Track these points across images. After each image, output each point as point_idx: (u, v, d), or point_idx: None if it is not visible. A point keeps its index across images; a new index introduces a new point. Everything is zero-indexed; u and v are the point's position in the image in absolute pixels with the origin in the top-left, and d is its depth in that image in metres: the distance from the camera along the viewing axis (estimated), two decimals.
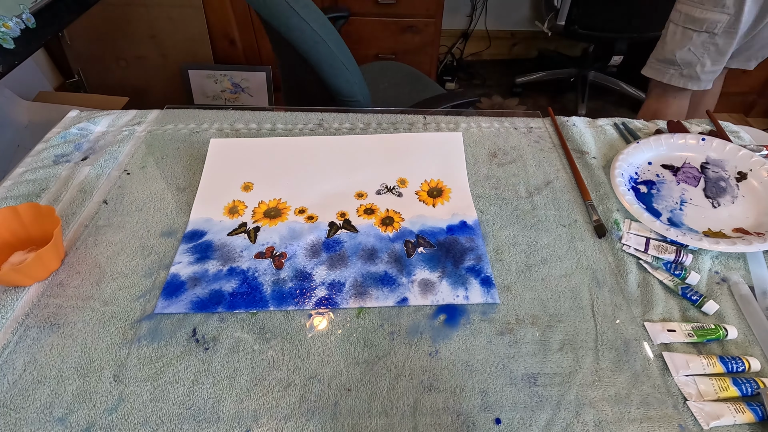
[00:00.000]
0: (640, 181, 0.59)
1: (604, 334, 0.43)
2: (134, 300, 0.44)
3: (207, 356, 0.40)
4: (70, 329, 0.42)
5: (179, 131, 0.64)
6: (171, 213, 0.53)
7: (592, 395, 0.38)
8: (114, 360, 0.40)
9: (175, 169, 0.58)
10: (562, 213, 0.54)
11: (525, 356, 0.41)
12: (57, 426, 0.36)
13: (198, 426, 0.36)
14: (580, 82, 1.83)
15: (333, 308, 0.44)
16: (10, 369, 0.39)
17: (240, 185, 0.56)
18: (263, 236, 0.50)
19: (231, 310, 0.43)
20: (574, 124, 0.68)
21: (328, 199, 0.55)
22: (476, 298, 0.45)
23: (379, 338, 0.42)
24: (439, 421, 0.37)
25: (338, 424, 0.36)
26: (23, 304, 0.43)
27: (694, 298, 0.45)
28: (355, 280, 0.46)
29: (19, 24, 0.92)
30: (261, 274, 0.46)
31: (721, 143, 0.61)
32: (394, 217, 0.53)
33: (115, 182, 0.56)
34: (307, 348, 0.41)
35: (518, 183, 0.58)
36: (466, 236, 0.51)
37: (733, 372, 0.40)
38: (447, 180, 0.58)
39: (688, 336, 0.42)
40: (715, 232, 0.52)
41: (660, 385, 0.39)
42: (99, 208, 0.53)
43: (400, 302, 0.44)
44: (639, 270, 0.48)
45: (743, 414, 0.37)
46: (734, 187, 0.58)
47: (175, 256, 0.48)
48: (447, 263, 0.48)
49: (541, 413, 0.37)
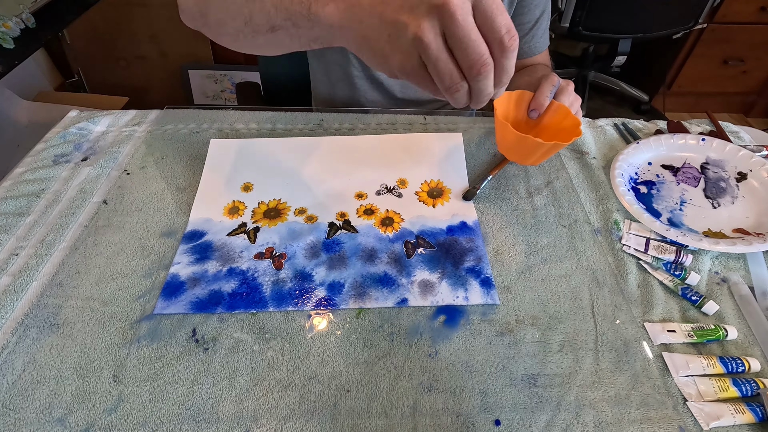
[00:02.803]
0: (640, 182, 0.59)
1: (604, 334, 0.43)
2: (134, 300, 0.44)
3: (206, 356, 0.40)
4: (69, 329, 0.42)
5: (179, 131, 0.64)
6: (171, 213, 0.53)
7: (592, 396, 0.38)
8: (113, 360, 0.40)
9: (175, 169, 0.58)
10: (562, 213, 0.54)
11: (525, 357, 0.41)
12: (56, 426, 0.36)
13: (197, 426, 0.36)
14: (580, 82, 1.83)
15: (332, 309, 0.44)
16: (9, 369, 0.39)
17: (240, 185, 0.56)
18: (263, 237, 0.50)
19: (230, 310, 0.43)
20: None
21: (327, 200, 0.55)
22: (476, 298, 0.45)
23: (379, 339, 0.42)
24: (438, 422, 0.37)
25: (338, 425, 0.36)
26: (23, 304, 0.43)
27: (694, 299, 0.45)
28: (355, 280, 0.46)
29: (19, 24, 0.92)
30: (260, 275, 0.46)
31: (721, 143, 0.61)
32: (394, 218, 0.53)
33: (115, 182, 0.56)
34: (306, 348, 0.41)
35: (518, 183, 0.58)
36: (465, 237, 0.51)
37: (733, 372, 0.40)
38: (447, 180, 0.58)
39: (688, 336, 0.42)
40: (715, 233, 0.52)
41: (660, 386, 0.39)
42: (99, 209, 0.53)
43: (399, 303, 0.44)
44: (639, 270, 0.48)
45: (743, 414, 0.37)
46: (734, 187, 0.58)
47: (175, 256, 0.48)
48: (447, 264, 0.48)
49: (540, 414, 0.37)
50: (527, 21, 0.67)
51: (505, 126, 0.48)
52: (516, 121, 0.55)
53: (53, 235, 0.49)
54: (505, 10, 0.31)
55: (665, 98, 1.89)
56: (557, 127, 0.54)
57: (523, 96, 0.54)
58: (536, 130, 0.55)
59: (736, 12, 1.65)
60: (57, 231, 0.50)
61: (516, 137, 0.48)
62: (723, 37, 1.73)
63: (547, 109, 0.54)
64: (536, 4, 0.66)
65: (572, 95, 0.55)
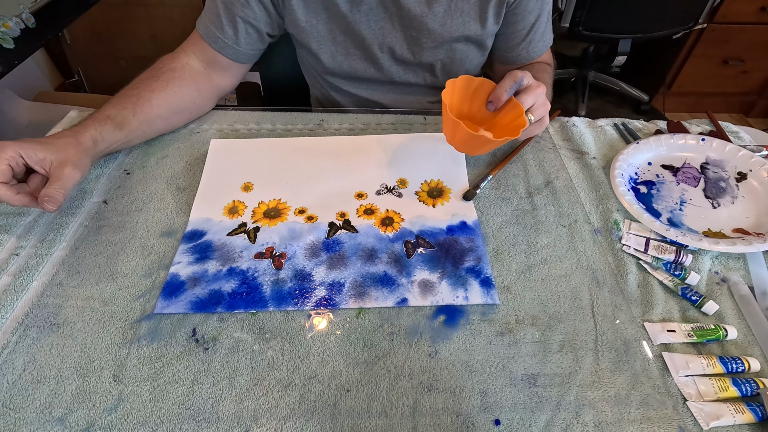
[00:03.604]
0: (640, 182, 0.59)
1: (604, 334, 0.43)
2: (134, 300, 0.44)
3: (206, 356, 0.40)
4: (69, 329, 0.42)
5: (179, 131, 0.64)
6: (171, 213, 0.53)
7: (591, 396, 0.38)
8: (113, 360, 0.40)
9: (175, 169, 0.58)
10: (562, 213, 0.54)
11: (525, 357, 0.41)
12: (56, 426, 0.36)
13: (197, 426, 0.36)
14: (580, 82, 1.83)
15: (332, 308, 0.44)
16: (9, 369, 0.39)
17: (240, 185, 0.56)
18: (263, 236, 0.50)
19: (230, 310, 0.43)
20: (574, 125, 0.68)
21: (327, 200, 0.55)
22: (476, 298, 0.45)
23: (379, 339, 0.42)
24: (438, 422, 0.37)
25: (338, 425, 0.36)
26: (23, 304, 0.43)
27: (693, 299, 0.45)
28: (355, 280, 0.46)
29: (19, 24, 0.92)
30: (260, 275, 0.46)
31: (721, 143, 0.61)
32: (394, 218, 0.53)
33: (115, 182, 0.56)
34: (306, 348, 0.41)
35: (518, 183, 0.58)
36: (465, 237, 0.51)
37: (733, 372, 0.40)
38: (447, 180, 0.58)
39: (687, 336, 0.42)
40: (714, 233, 0.52)
41: (660, 386, 0.39)
42: (99, 208, 0.53)
43: (399, 303, 0.44)
44: (639, 270, 0.48)
45: (743, 414, 0.37)
46: (734, 187, 0.58)
47: (175, 256, 0.48)
48: (447, 264, 0.48)
49: (540, 414, 0.37)
50: (521, 28, 0.67)
51: (457, 124, 0.49)
52: (471, 108, 0.57)
53: (53, 234, 0.49)
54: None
55: (665, 98, 1.89)
56: (510, 125, 0.54)
57: (483, 85, 0.55)
58: (491, 123, 0.56)
59: (736, 12, 1.65)
60: (57, 231, 0.50)
61: (466, 134, 0.50)
62: (723, 37, 1.72)
63: (505, 105, 0.54)
64: (530, 10, 0.65)
65: (540, 97, 0.53)
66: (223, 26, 0.62)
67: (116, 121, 0.56)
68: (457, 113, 0.57)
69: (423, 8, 0.62)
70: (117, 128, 0.56)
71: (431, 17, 0.63)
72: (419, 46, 0.66)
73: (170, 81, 0.61)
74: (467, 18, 0.64)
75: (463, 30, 0.65)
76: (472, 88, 0.55)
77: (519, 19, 0.66)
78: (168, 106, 0.61)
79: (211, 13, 0.62)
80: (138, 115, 0.57)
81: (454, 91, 0.55)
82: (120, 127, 0.56)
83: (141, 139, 0.61)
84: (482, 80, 0.55)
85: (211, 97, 0.67)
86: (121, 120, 0.56)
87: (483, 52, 0.71)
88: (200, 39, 0.64)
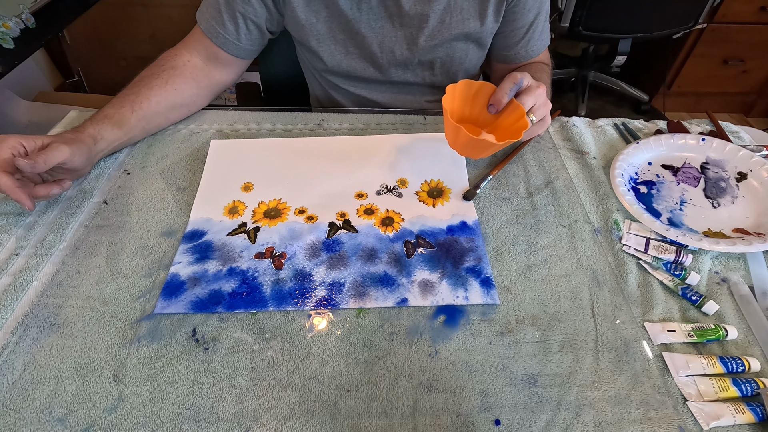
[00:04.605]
0: (640, 182, 0.59)
1: (604, 334, 0.43)
2: (134, 300, 0.44)
3: (207, 356, 0.40)
4: (69, 329, 0.42)
5: (179, 131, 0.64)
6: (171, 213, 0.53)
7: (592, 396, 0.38)
8: (114, 360, 0.40)
9: (175, 169, 0.58)
10: (562, 213, 0.54)
11: (525, 357, 0.41)
12: (56, 426, 0.36)
13: (197, 426, 0.36)
14: (580, 82, 1.83)
15: (333, 308, 0.44)
16: (9, 369, 0.39)
17: (240, 185, 0.56)
18: (263, 236, 0.50)
19: (230, 310, 0.43)
20: (574, 124, 0.68)
21: (328, 200, 0.55)
22: (476, 298, 0.45)
23: (379, 339, 0.42)
24: (438, 422, 0.37)
25: (338, 425, 0.36)
26: (23, 304, 0.43)
27: (694, 299, 0.45)
28: (355, 280, 0.46)
29: (19, 24, 0.92)
30: (261, 275, 0.46)
31: (721, 143, 0.61)
32: (394, 218, 0.53)
33: (115, 182, 0.56)
34: (306, 348, 0.41)
35: (518, 183, 0.58)
36: (466, 237, 0.51)
37: (733, 372, 0.40)
38: (447, 180, 0.58)
39: (688, 336, 0.42)
40: (715, 233, 0.52)
41: (660, 386, 0.39)
42: (99, 208, 0.53)
43: (399, 303, 0.44)
44: (639, 270, 0.48)
45: (743, 414, 0.37)
46: (734, 187, 0.58)
47: (175, 256, 0.48)
48: (447, 264, 0.48)
49: (540, 414, 0.37)
50: (520, 26, 0.67)
51: (459, 129, 0.49)
52: (472, 111, 0.57)
53: (53, 235, 0.49)
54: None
55: (665, 98, 1.89)
56: (512, 127, 0.54)
57: (483, 88, 0.55)
58: (492, 125, 0.56)
59: (736, 12, 1.65)
60: (57, 231, 0.50)
61: (467, 138, 0.49)
62: (723, 37, 1.72)
63: (506, 106, 0.54)
64: (529, 8, 0.65)
65: (540, 97, 0.53)
66: (224, 22, 0.62)
67: (114, 120, 0.56)
68: (458, 117, 0.57)
69: (423, 6, 0.63)
70: (115, 126, 0.56)
71: (431, 15, 0.63)
72: (418, 44, 0.66)
73: (170, 78, 0.62)
74: (467, 15, 0.64)
75: (463, 27, 0.65)
76: (472, 91, 0.55)
77: (518, 17, 0.66)
78: (167, 103, 0.61)
79: (212, 8, 0.63)
80: (136, 112, 0.58)
81: (455, 95, 0.55)
82: (119, 125, 0.57)
83: (142, 135, 0.61)
84: (482, 83, 0.55)
85: (210, 92, 0.68)
86: (119, 118, 0.57)
87: (482, 51, 0.71)
88: (202, 35, 0.64)
